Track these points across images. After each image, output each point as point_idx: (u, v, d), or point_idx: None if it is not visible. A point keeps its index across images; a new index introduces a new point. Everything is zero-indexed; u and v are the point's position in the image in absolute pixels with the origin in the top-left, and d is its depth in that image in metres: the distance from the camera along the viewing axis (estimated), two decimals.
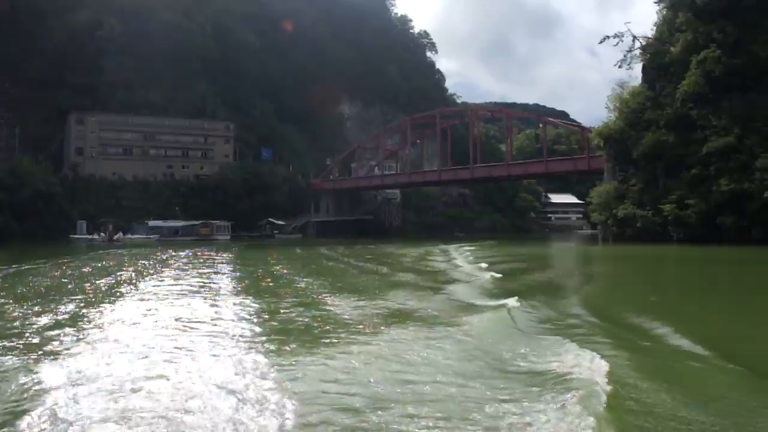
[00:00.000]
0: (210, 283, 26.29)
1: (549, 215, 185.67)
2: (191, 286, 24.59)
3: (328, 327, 14.40)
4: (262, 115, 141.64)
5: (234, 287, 24.47)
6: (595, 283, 29.95)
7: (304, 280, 27.33)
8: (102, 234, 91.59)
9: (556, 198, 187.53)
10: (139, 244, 78.28)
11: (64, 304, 18.70)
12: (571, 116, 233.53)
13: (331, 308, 17.55)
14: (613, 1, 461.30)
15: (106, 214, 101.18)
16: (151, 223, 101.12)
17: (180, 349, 11.93)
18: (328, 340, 12.60)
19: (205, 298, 20.28)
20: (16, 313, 16.95)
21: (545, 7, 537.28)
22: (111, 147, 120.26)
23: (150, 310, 17.52)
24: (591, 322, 15.06)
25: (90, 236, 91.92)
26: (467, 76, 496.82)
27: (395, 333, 13.34)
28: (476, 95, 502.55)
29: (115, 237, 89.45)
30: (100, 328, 14.52)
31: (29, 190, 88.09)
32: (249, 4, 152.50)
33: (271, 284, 26.08)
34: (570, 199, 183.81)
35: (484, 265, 34.62)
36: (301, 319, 15.78)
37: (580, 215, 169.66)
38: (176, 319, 15.49)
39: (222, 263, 40.76)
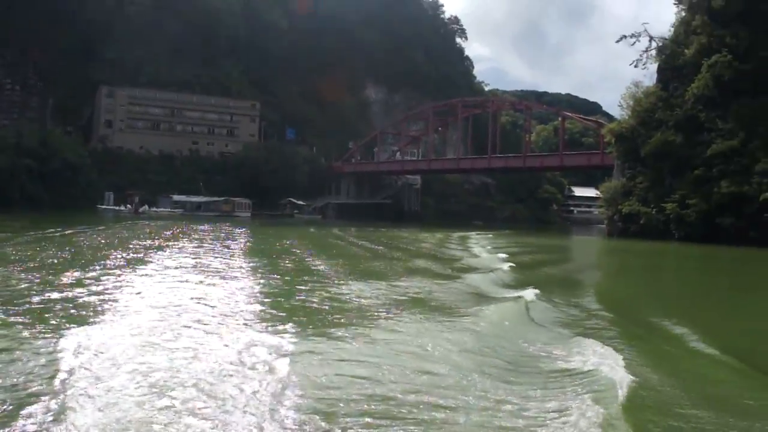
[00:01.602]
0: (222, 257, 26.82)
1: (572, 208, 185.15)
2: (204, 259, 25.00)
3: (336, 312, 13.68)
4: (287, 96, 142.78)
5: (244, 263, 24.65)
6: (608, 277, 30.92)
7: (316, 261, 27.05)
8: (128, 206, 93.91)
9: (579, 191, 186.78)
10: (163, 217, 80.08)
11: (93, 270, 19.49)
12: (604, 108, 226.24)
13: (341, 292, 16.74)
14: None
15: (132, 187, 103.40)
16: (176, 197, 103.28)
17: (187, 325, 11.58)
18: (335, 326, 11.97)
19: (215, 273, 20.37)
20: (49, 277, 17.49)
21: None
22: (139, 121, 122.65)
23: (163, 282, 17.69)
24: (606, 317, 15.12)
25: (117, 207, 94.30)
26: (498, 61, 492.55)
27: (407, 321, 12.62)
28: (506, 82, 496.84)
29: (141, 209, 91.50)
30: (118, 296, 14.85)
31: (59, 161, 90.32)
32: None
33: (281, 263, 25.91)
34: (593, 192, 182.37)
35: (488, 252, 35.79)
36: (309, 301, 15.17)
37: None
38: (186, 295, 15.34)
39: (238, 239, 42.06)
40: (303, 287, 17.65)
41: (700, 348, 11.65)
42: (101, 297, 14.36)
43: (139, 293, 15.18)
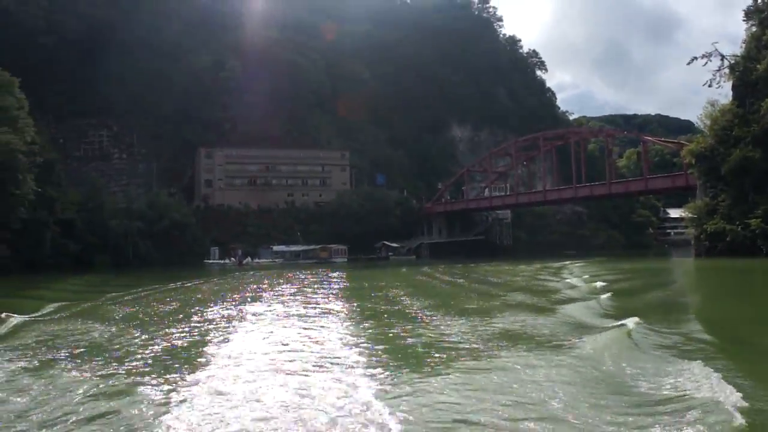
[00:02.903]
0: (322, 299, 29.59)
1: (668, 230, 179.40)
2: (307, 302, 27.71)
3: (436, 349, 13.89)
4: (374, 142, 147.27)
5: (342, 304, 26.72)
6: (705, 298, 30.36)
7: (413, 299, 27.91)
8: (232, 258, 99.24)
9: (674, 213, 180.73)
10: (265, 267, 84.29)
11: (214, 313, 23.03)
12: (696, 125, 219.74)
13: (440, 329, 17.13)
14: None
15: (234, 241, 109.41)
16: (276, 247, 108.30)
17: (293, 362, 12.67)
18: (436, 364, 12.17)
19: (316, 312, 22.92)
20: (181, 318, 20.54)
21: (662, 9, 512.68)
22: (236, 178, 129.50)
23: (272, 323, 19.92)
24: (710, 340, 14.84)
25: (222, 261, 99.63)
26: (582, 87, 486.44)
27: (507, 356, 12.76)
28: (593, 107, 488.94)
29: (244, 261, 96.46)
30: (234, 336, 17.05)
31: (166, 221, 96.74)
32: (358, 39, 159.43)
33: (377, 303, 27.15)
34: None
35: (584, 281, 35.47)
36: (408, 340, 15.58)
37: None
38: (292, 334, 17.05)
39: (336, 282, 45.02)
40: (400, 325, 18.43)
41: None
42: (220, 337, 16.73)
43: (252, 333, 17.54)
